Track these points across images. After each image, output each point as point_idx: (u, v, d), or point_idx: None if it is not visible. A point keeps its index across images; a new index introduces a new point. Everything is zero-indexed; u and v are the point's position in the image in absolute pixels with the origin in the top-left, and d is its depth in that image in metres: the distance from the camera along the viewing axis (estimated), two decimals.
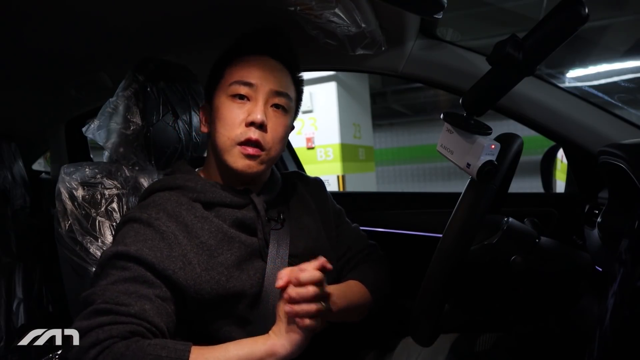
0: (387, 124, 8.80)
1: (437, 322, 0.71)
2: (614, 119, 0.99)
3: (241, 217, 0.85)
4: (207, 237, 0.80)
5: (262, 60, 0.87)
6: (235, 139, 0.83)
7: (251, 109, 0.84)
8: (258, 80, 0.85)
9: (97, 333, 0.66)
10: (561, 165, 1.32)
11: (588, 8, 0.58)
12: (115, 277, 0.72)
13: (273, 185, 0.95)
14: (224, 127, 0.84)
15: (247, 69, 0.86)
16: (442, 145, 0.76)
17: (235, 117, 0.84)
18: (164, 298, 0.74)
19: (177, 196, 0.85)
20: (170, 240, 0.77)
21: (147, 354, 0.64)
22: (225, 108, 0.85)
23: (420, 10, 0.84)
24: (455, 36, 1.15)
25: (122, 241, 0.76)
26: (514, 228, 0.80)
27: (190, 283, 0.76)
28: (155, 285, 0.73)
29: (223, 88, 0.87)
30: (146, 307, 0.70)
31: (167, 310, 0.73)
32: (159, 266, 0.74)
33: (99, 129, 1.02)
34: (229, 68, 0.88)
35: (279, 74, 0.88)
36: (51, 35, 1.08)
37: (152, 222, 0.78)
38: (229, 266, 0.80)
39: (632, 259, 0.48)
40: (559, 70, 4.71)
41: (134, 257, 0.73)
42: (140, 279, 0.72)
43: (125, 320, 0.67)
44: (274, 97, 0.86)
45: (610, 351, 0.46)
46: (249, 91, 0.84)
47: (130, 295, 0.70)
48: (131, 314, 0.68)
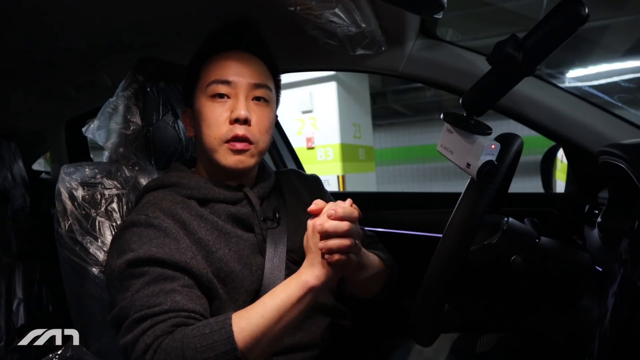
0: (387, 124, 8.79)
1: (437, 322, 0.71)
2: (614, 119, 0.99)
3: (235, 212, 0.86)
4: (204, 233, 0.81)
5: (236, 56, 0.87)
6: (222, 137, 0.84)
7: (233, 106, 0.84)
8: (235, 77, 0.85)
9: (143, 340, 0.67)
10: (561, 165, 1.32)
11: (588, 8, 0.58)
12: (137, 286, 0.72)
13: (265, 180, 0.95)
14: (209, 128, 0.85)
15: (222, 67, 0.86)
16: (442, 145, 0.76)
17: (219, 116, 0.84)
18: (189, 285, 0.74)
19: (171, 195, 0.85)
20: (174, 235, 0.78)
21: (193, 337, 0.65)
22: (207, 109, 0.85)
23: (420, 10, 0.84)
24: (455, 36, 1.15)
25: (129, 248, 0.76)
26: (514, 228, 0.80)
27: (203, 272, 0.77)
28: (176, 277, 0.74)
29: (201, 89, 0.87)
30: (177, 299, 0.71)
31: (196, 294, 0.74)
32: (170, 260, 0.74)
33: (99, 129, 1.02)
34: (204, 68, 0.88)
35: (255, 66, 0.88)
36: (51, 35, 1.08)
37: (151, 222, 0.78)
38: (228, 261, 0.81)
39: (632, 259, 0.48)
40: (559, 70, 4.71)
41: (146, 259, 0.74)
42: (159, 277, 0.73)
43: (163, 318, 0.68)
44: (253, 90, 0.86)
45: (610, 351, 0.46)
46: (228, 89, 0.85)
47: (158, 295, 0.71)
48: (165, 311, 0.69)
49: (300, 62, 1.26)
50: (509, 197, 0.97)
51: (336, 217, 0.69)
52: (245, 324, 0.67)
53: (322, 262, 0.70)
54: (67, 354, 0.91)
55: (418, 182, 8.73)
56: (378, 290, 0.92)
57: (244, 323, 0.67)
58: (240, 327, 0.66)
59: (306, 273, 0.71)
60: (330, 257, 0.69)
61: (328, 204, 0.72)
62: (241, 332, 0.66)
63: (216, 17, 1.02)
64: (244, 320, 0.67)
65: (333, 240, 0.69)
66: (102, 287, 0.89)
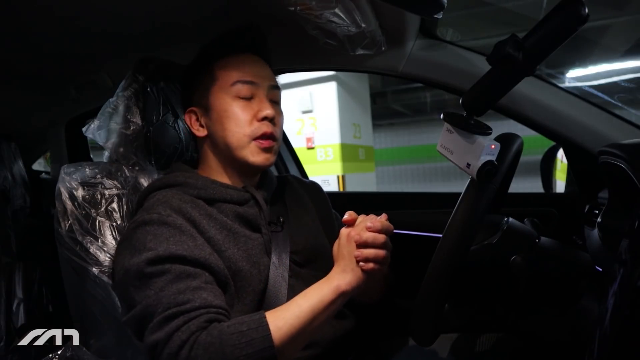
0: (387, 124, 8.80)
1: (437, 322, 0.71)
2: (614, 119, 0.99)
3: (243, 213, 0.87)
4: (213, 232, 0.81)
5: (251, 58, 0.92)
6: (251, 134, 0.87)
7: (259, 105, 0.88)
8: (257, 79, 0.89)
9: (178, 336, 0.67)
10: (561, 165, 1.32)
11: (588, 8, 0.58)
12: (161, 283, 0.72)
13: (268, 183, 0.97)
14: (237, 125, 0.87)
15: (244, 68, 0.89)
16: (442, 145, 0.76)
17: (246, 114, 0.87)
18: (211, 282, 0.75)
19: (179, 193, 0.85)
20: (189, 232, 0.78)
21: (229, 334, 0.66)
22: (234, 107, 0.88)
23: (420, 10, 0.84)
24: (455, 36, 1.15)
25: (145, 247, 0.75)
26: (514, 228, 0.80)
27: (220, 268, 0.78)
28: (198, 275, 0.74)
29: (223, 89, 0.89)
30: (204, 296, 0.72)
31: (218, 291, 0.76)
32: (191, 257, 0.75)
33: (99, 129, 1.02)
34: (219, 69, 0.91)
35: (268, 70, 0.94)
36: (51, 35, 1.08)
37: (164, 220, 0.78)
38: (237, 260, 0.81)
39: (632, 259, 0.48)
40: (559, 70, 4.71)
41: (166, 257, 0.74)
42: (182, 275, 0.73)
43: (195, 315, 0.69)
44: (271, 92, 0.91)
45: (610, 351, 0.46)
46: (252, 89, 0.89)
47: (185, 292, 0.71)
48: (197, 307, 0.70)
49: (300, 62, 1.26)
50: (509, 197, 0.97)
51: (375, 229, 0.74)
52: (282, 323, 0.69)
53: (354, 270, 0.73)
54: (67, 354, 0.91)
55: (418, 182, 8.73)
56: (380, 295, 0.96)
57: (280, 322, 0.69)
58: (277, 326, 0.69)
59: (338, 278, 0.74)
60: (365, 265, 0.73)
61: (362, 217, 0.78)
62: (278, 331, 0.68)
63: (216, 17, 1.02)
64: (280, 320, 0.70)
65: (370, 250, 0.73)
66: (102, 287, 0.89)
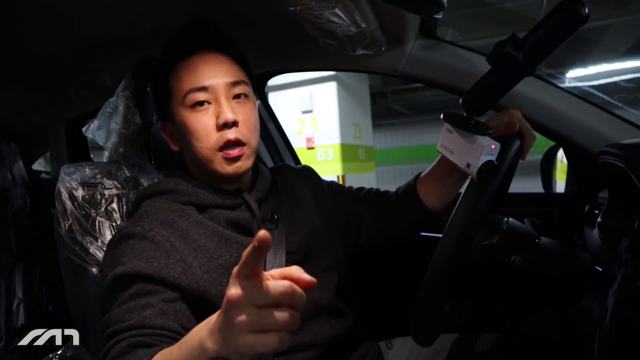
0: (387, 124, 8.79)
1: (437, 322, 0.71)
2: (614, 119, 0.99)
3: (235, 218, 0.85)
4: (203, 240, 0.80)
5: (203, 58, 0.83)
6: (214, 146, 0.81)
7: (217, 111, 0.81)
8: (210, 80, 0.81)
9: (106, 358, 0.67)
10: (561, 165, 1.32)
11: (588, 8, 0.58)
12: (120, 299, 0.72)
13: (262, 182, 0.93)
14: (199, 140, 0.81)
15: (194, 73, 0.82)
16: (442, 145, 0.76)
17: (205, 125, 0.81)
18: (170, 299, 0.73)
19: (168, 203, 0.83)
20: (166, 249, 0.76)
21: None
22: (190, 121, 0.82)
23: (420, 10, 0.84)
24: (455, 36, 1.15)
25: (120, 261, 0.75)
26: (514, 228, 0.80)
27: (193, 286, 0.75)
28: (158, 291, 0.72)
29: (178, 101, 0.83)
30: (146, 314, 0.69)
31: (174, 308, 0.72)
32: (157, 276, 0.73)
33: (99, 129, 1.02)
34: (173, 79, 0.84)
35: (225, 64, 0.84)
36: (51, 35, 1.08)
37: (146, 234, 0.77)
38: (230, 267, 0.79)
39: (632, 259, 0.48)
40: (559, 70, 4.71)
41: (132, 275, 0.73)
42: (141, 292, 0.72)
43: (124, 337, 0.67)
44: (232, 89, 0.82)
45: (610, 351, 0.46)
46: (207, 95, 0.81)
47: (132, 310, 0.70)
48: (129, 328, 0.68)
49: (300, 62, 1.26)
50: (509, 197, 0.97)
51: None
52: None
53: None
54: (67, 354, 0.91)
55: None
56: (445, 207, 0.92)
57: None
58: None
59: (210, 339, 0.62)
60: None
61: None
62: None
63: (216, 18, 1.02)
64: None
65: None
66: None
